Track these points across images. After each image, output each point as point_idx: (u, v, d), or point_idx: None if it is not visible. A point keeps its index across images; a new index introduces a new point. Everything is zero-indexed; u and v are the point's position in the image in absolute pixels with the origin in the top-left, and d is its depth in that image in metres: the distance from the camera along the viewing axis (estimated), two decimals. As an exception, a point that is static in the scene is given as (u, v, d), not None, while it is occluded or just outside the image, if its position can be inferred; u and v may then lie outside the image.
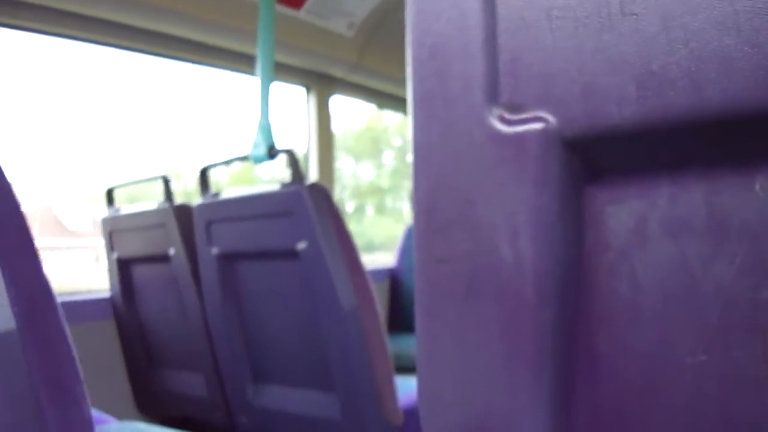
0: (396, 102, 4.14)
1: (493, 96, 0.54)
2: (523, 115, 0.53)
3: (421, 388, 0.61)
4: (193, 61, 3.07)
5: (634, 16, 0.48)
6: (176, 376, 2.67)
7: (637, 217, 0.52)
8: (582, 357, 0.54)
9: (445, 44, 0.56)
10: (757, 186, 0.48)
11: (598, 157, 0.52)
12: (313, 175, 3.54)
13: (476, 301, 0.56)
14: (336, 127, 3.63)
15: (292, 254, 2.03)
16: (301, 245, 1.99)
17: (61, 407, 1.20)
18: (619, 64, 0.49)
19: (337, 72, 3.52)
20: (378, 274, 4.10)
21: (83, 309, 2.72)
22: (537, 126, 0.52)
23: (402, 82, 3.84)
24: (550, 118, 0.52)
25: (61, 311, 1.20)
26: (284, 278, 2.12)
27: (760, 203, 0.48)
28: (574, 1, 0.51)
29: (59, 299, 1.19)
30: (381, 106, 4.30)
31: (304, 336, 2.12)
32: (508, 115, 0.53)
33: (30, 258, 1.18)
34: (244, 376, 2.34)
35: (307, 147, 3.58)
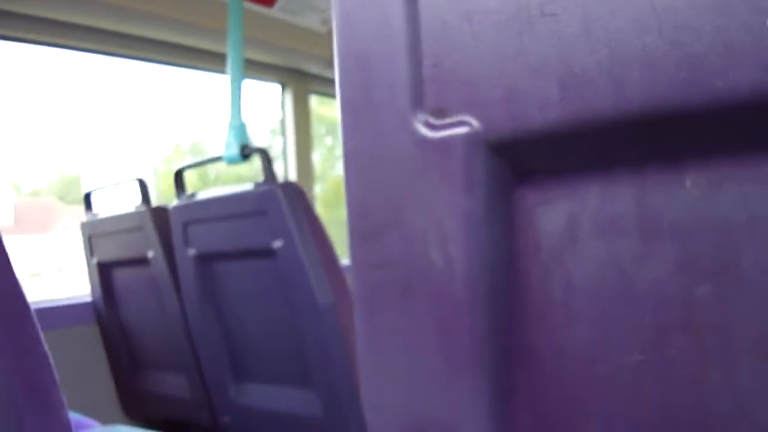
0: None
1: (417, 101, 0.54)
2: (448, 120, 0.53)
3: (365, 392, 0.61)
4: (163, 62, 3.06)
5: (554, 18, 0.48)
6: (159, 378, 2.67)
7: (567, 218, 0.52)
8: (520, 358, 0.54)
9: (370, 51, 0.56)
10: (688, 183, 0.48)
11: (525, 159, 0.52)
12: (291, 173, 3.54)
13: (411, 306, 0.56)
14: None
15: (268, 253, 2.03)
16: (277, 244, 1.99)
17: (40, 414, 1.19)
18: (540, 66, 0.49)
19: (313, 68, 3.51)
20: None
21: (65, 313, 2.71)
22: (462, 130, 0.52)
23: None
24: (475, 122, 0.52)
25: (34, 318, 1.20)
26: (261, 277, 2.12)
27: (691, 201, 0.48)
28: (495, 4, 0.51)
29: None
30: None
31: (283, 334, 2.13)
32: (433, 120, 0.53)
33: (3, 266, 1.17)
34: (226, 376, 2.34)
35: (284, 145, 3.58)
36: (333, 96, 4.06)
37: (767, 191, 0.46)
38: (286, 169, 3.55)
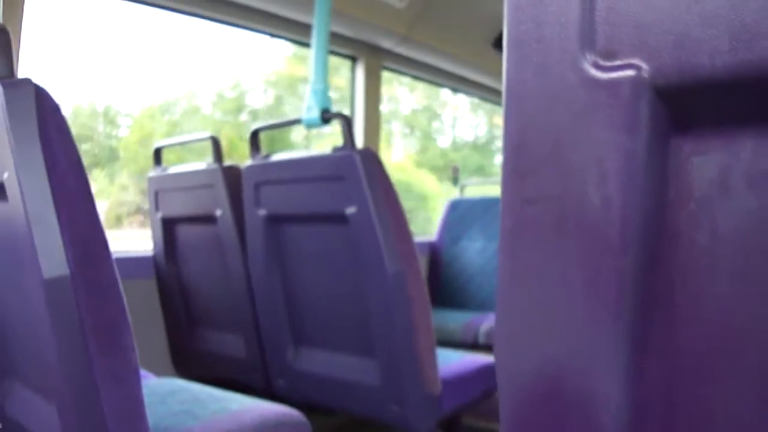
0: (444, 76, 4.13)
1: (588, 42, 0.55)
2: (617, 62, 0.54)
3: (499, 328, 0.62)
4: (250, 28, 3.08)
5: None
6: (215, 337, 2.69)
7: (720, 169, 0.52)
8: (660, 303, 0.55)
9: None
10: None
11: (687, 107, 0.53)
12: (359, 144, 3.55)
13: (561, 243, 0.57)
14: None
15: (341, 218, 2.05)
16: (351, 210, 2.00)
17: (110, 354, 1.22)
18: (712, 16, 0.50)
19: (386, 43, 3.51)
20: (418, 247, 4.10)
21: (125, 266, 2.74)
22: (630, 73, 0.53)
23: (450, 58, 3.83)
24: (644, 66, 0.52)
25: (113, 258, 1.22)
26: (331, 242, 2.13)
27: None
28: None
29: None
30: (428, 80, 4.28)
31: (348, 301, 2.14)
32: (602, 61, 0.54)
33: (85, 204, 1.19)
34: (285, 339, 2.35)
35: (353, 115, 3.59)
36: (403, 73, 4.06)
37: None
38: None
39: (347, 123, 2.07)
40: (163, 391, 1.87)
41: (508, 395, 0.62)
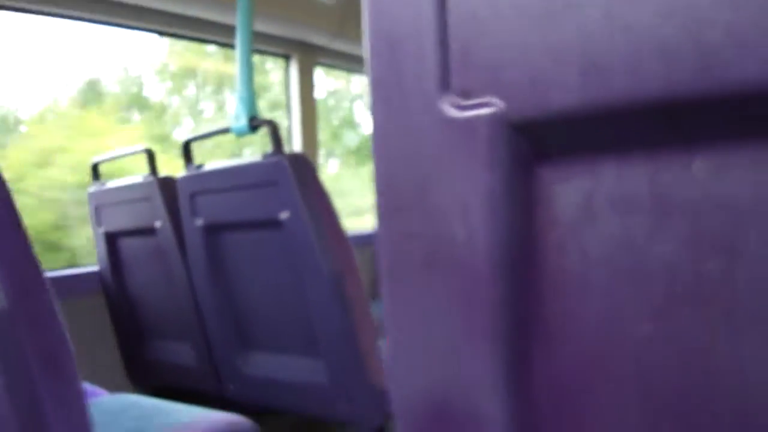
0: None
1: (445, 83, 0.56)
2: (473, 101, 0.55)
3: (388, 354, 0.64)
4: (172, 34, 3.08)
5: (577, 8, 0.51)
6: (166, 347, 2.70)
7: (584, 195, 0.54)
8: (537, 328, 0.57)
9: (400, 35, 0.58)
10: (698, 164, 0.50)
11: (545, 139, 0.54)
12: (296, 145, 3.56)
13: (434, 275, 0.59)
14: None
15: (276, 224, 2.06)
16: (284, 215, 2.01)
17: (55, 383, 1.22)
18: (562, 53, 0.51)
19: (319, 40, 3.52)
20: (362, 239, 4.12)
21: (72, 283, 2.74)
22: (486, 111, 0.55)
23: None
24: (499, 103, 0.54)
25: (50, 288, 1.22)
26: (268, 248, 2.14)
27: (701, 181, 0.50)
28: None
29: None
30: (364, 72, 4.29)
31: (290, 304, 2.15)
32: (459, 101, 0.56)
33: (17, 235, 1.19)
34: (232, 345, 2.37)
35: (289, 116, 3.59)
36: (338, 68, 4.07)
37: None
38: (291, 141, 3.57)
39: (274, 129, 2.08)
40: (115, 408, 1.88)
41: (402, 420, 0.64)
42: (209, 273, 2.33)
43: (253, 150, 4.07)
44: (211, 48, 3.90)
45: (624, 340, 0.54)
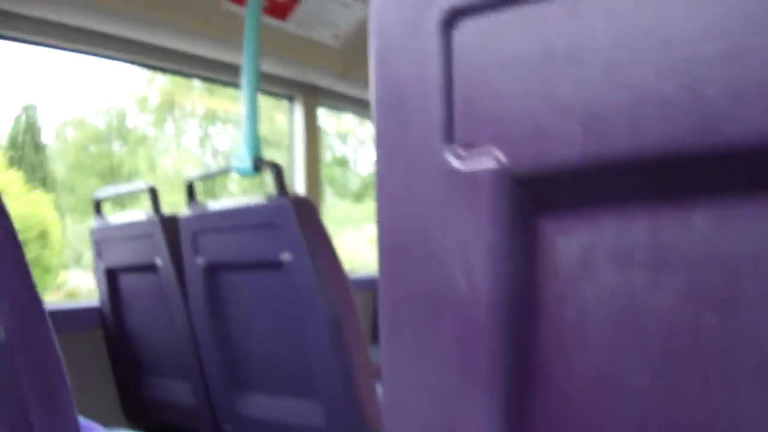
0: None
1: (448, 136, 0.57)
2: (476, 153, 0.56)
3: (385, 399, 0.64)
4: (179, 72, 3.10)
5: (579, 63, 0.52)
6: (163, 385, 2.69)
7: (584, 248, 0.55)
8: (536, 378, 0.57)
9: (405, 87, 0.59)
10: (698, 219, 0.51)
11: (547, 192, 0.55)
12: (299, 186, 3.57)
13: (435, 326, 0.59)
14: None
15: (277, 266, 2.06)
16: (286, 257, 2.02)
17: (50, 417, 1.22)
18: (564, 107, 0.52)
19: (323, 82, 3.54)
20: (364, 283, 4.12)
21: (72, 318, 2.74)
22: (489, 163, 0.55)
23: None
24: (502, 156, 0.55)
25: (50, 322, 1.22)
26: (269, 289, 2.15)
27: (701, 235, 0.51)
28: (525, 49, 0.54)
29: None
30: (367, 115, 4.32)
31: (288, 346, 2.15)
32: (462, 153, 0.57)
33: (18, 267, 1.19)
34: (230, 385, 2.36)
35: (292, 157, 3.60)
36: (342, 110, 4.09)
37: None
38: (293, 183, 3.58)
39: (278, 171, 2.09)
40: None
41: None
42: (209, 312, 2.33)
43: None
44: (196, 83, 3.90)
45: (622, 391, 0.54)
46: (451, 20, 0.57)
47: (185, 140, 4.31)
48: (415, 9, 0.59)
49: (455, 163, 0.57)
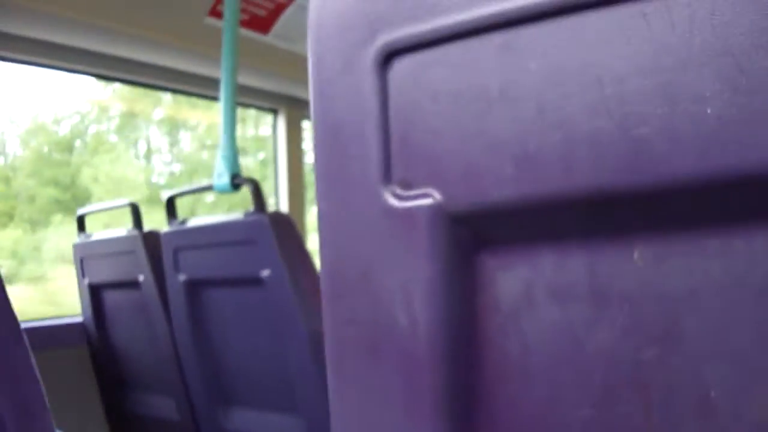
0: None
1: (386, 173, 0.57)
2: (413, 192, 0.56)
3: None
4: (162, 87, 3.10)
5: (512, 101, 0.52)
6: (147, 400, 2.69)
7: (524, 283, 0.55)
8: (481, 411, 0.58)
9: (344, 124, 0.60)
10: (636, 255, 0.51)
11: (484, 229, 0.55)
12: (283, 201, 3.57)
13: (378, 361, 0.60)
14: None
15: (256, 281, 2.06)
16: (265, 273, 2.02)
17: None
18: (497, 145, 0.52)
19: (306, 94, 3.54)
20: None
21: (56, 334, 2.74)
22: (425, 202, 0.56)
23: None
24: (437, 194, 0.55)
25: (25, 340, 1.22)
26: (249, 305, 2.15)
27: (639, 271, 0.51)
28: (458, 85, 0.54)
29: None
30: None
31: (269, 360, 2.15)
32: (399, 191, 0.57)
33: None
34: (213, 400, 2.36)
35: (276, 171, 3.60)
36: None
37: (708, 265, 0.49)
38: (278, 197, 3.58)
39: (256, 187, 2.09)
40: None
41: None
42: (191, 328, 2.33)
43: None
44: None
45: (565, 424, 0.55)
46: (386, 58, 0.57)
47: (143, 148, 4.25)
48: (351, 47, 0.59)
49: (393, 202, 0.57)
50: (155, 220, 2.99)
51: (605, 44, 0.49)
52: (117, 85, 3.65)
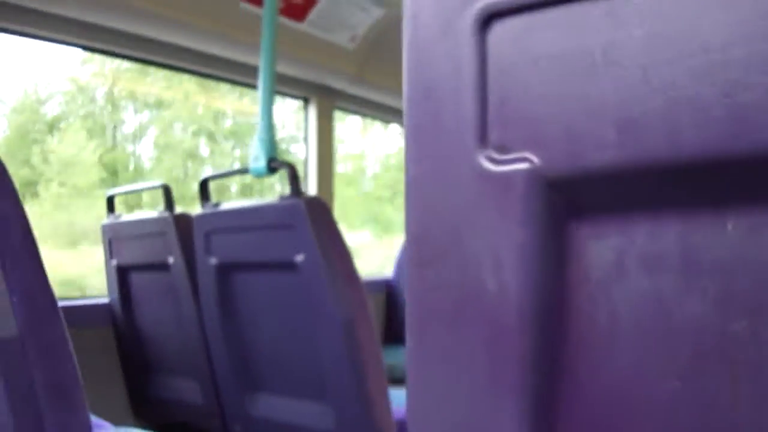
0: (396, 115, 4.16)
1: (482, 136, 0.57)
2: (510, 156, 0.56)
3: (410, 407, 0.64)
4: (197, 72, 3.10)
5: (615, 64, 0.51)
6: (173, 383, 2.69)
7: (616, 252, 0.54)
8: (565, 381, 0.57)
9: (439, 86, 0.59)
10: (730, 226, 0.51)
11: (580, 195, 0.55)
12: (312, 188, 3.57)
13: (463, 327, 0.59)
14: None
15: (290, 266, 2.06)
16: (299, 257, 2.02)
17: (61, 412, 1.22)
18: (600, 110, 0.52)
19: (338, 84, 3.54)
20: (375, 285, 4.12)
21: (82, 314, 2.74)
22: (522, 166, 0.55)
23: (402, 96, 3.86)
24: (535, 159, 0.55)
25: (62, 317, 1.22)
26: (281, 289, 2.14)
27: (731, 242, 0.51)
28: (560, 49, 0.54)
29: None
30: (381, 118, 4.33)
31: (300, 347, 2.15)
32: (495, 155, 0.57)
33: (33, 264, 1.20)
34: (240, 385, 2.36)
35: (306, 158, 3.61)
36: (356, 112, 4.09)
37: None
38: (307, 184, 3.58)
39: (292, 172, 2.09)
40: None
41: None
42: (220, 312, 2.33)
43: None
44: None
45: (651, 395, 0.54)
46: (486, 21, 0.57)
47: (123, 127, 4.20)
48: (450, 9, 0.59)
49: (488, 165, 0.57)
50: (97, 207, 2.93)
51: (709, 10, 0.48)
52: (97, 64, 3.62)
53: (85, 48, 2.68)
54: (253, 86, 2.86)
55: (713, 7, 0.48)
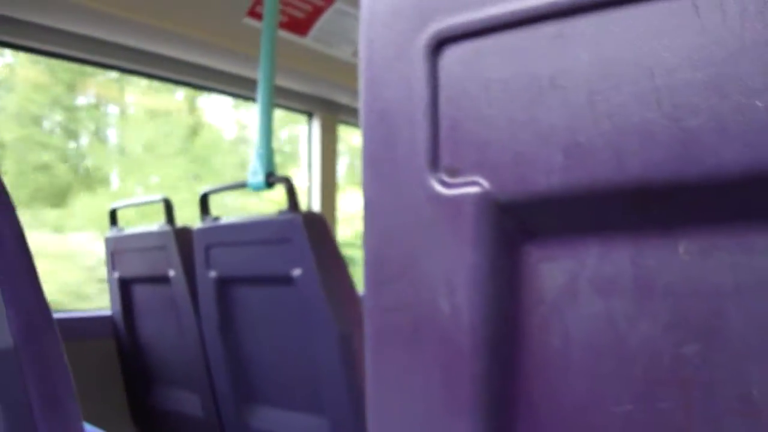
0: None
1: (434, 160, 0.58)
2: (461, 180, 0.56)
3: (371, 424, 0.64)
4: (196, 85, 3.12)
5: (562, 90, 0.52)
6: (173, 395, 2.70)
7: (568, 275, 0.55)
8: (520, 403, 0.57)
9: (393, 110, 0.60)
10: (681, 249, 0.51)
11: (531, 219, 0.55)
12: (315, 202, 3.57)
13: (419, 347, 0.60)
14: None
15: (288, 280, 2.07)
16: (296, 272, 2.02)
17: (55, 424, 1.22)
18: (547, 134, 0.52)
19: (341, 98, 3.55)
20: None
21: (85, 326, 2.76)
22: (473, 190, 0.56)
23: None
24: (485, 183, 0.55)
25: (57, 330, 1.23)
26: (279, 303, 2.15)
27: (683, 265, 0.51)
28: (510, 74, 0.54)
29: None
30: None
31: (298, 360, 2.16)
32: (447, 179, 0.57)
33: (28, 277, 1.20)
34: (239, 398, 2.37)
35: (309, 172, 3.61)
36: (359, 126, 4.10)
37: (753, 261, 0.49)
38: (310, 197, 3.58)
39: (290, 186, 2.10)
40: None
41: None
42: (220, 325, 2.34)
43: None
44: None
45: (605, 419, 0.54)
46: (438, 46, 0.58)
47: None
48: (403, 34, 0.59)
49: (440, 189, 0.57)
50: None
51: (656, 35, 0.49)
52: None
53: (85, 62, 2.69)
54: (254, 100, 2.87)
55: (659, 32, 0.49)
